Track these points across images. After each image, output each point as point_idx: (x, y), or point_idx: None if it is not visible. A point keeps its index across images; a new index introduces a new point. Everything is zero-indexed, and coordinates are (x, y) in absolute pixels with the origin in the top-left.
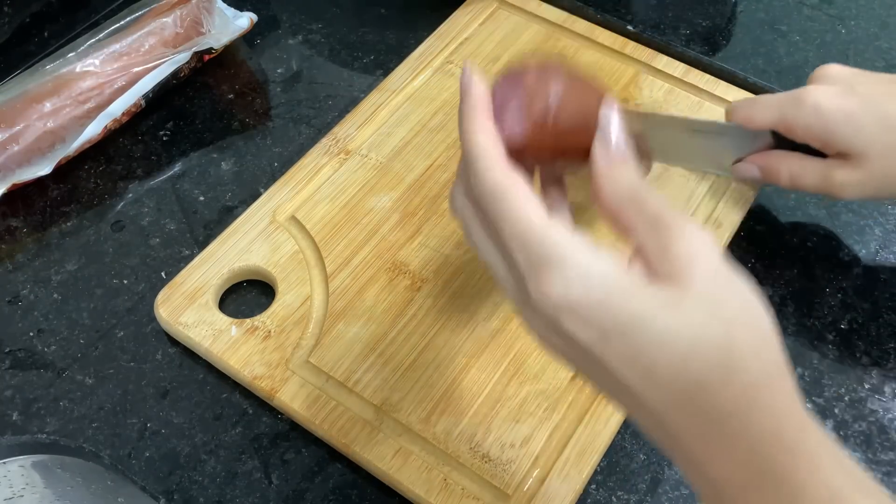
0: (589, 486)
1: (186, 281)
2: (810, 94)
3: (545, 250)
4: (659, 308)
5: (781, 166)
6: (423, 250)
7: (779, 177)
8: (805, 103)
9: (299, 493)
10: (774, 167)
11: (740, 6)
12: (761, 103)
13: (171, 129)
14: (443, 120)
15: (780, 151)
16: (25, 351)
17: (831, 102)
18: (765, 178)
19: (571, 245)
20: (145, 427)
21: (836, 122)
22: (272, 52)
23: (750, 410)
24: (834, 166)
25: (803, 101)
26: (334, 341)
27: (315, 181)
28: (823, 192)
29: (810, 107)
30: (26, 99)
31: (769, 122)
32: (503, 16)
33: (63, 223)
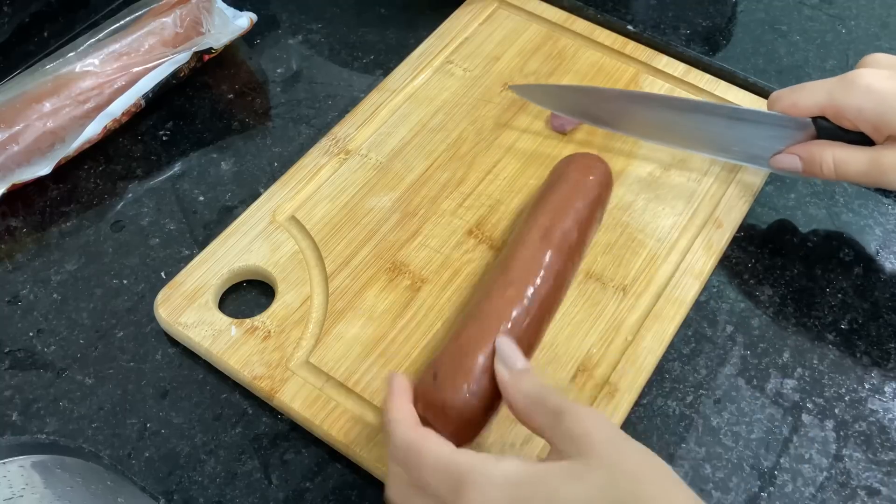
0: None
1: (186, 281)
2: (862, 76)
3: (458, 470)
4: (567, 478)
5: (825, 154)
6: (423, 250)
7: (822, 166)
8: (857, 85)
9: (299, 493)
10: (818, 156)
11: (740, 6)
12: (808, 88)
13: (170, 129)
14: (443, 120)
15: (824, 141)
16: (25, 351)
17: (884, 84)
18: (806, 168)
19: (478, 459)
20: (145, 427)
21: (891, 103)
22: (272, 52)
23: None
24: (883, 151)
25: (855, 82)
26: (334, 341)
27: (315, 181)
28: (870, 179)
29: (863, 88)
30: (26, 99)
31: (817, 105)
32: (503, 16)
33: (63, 223)
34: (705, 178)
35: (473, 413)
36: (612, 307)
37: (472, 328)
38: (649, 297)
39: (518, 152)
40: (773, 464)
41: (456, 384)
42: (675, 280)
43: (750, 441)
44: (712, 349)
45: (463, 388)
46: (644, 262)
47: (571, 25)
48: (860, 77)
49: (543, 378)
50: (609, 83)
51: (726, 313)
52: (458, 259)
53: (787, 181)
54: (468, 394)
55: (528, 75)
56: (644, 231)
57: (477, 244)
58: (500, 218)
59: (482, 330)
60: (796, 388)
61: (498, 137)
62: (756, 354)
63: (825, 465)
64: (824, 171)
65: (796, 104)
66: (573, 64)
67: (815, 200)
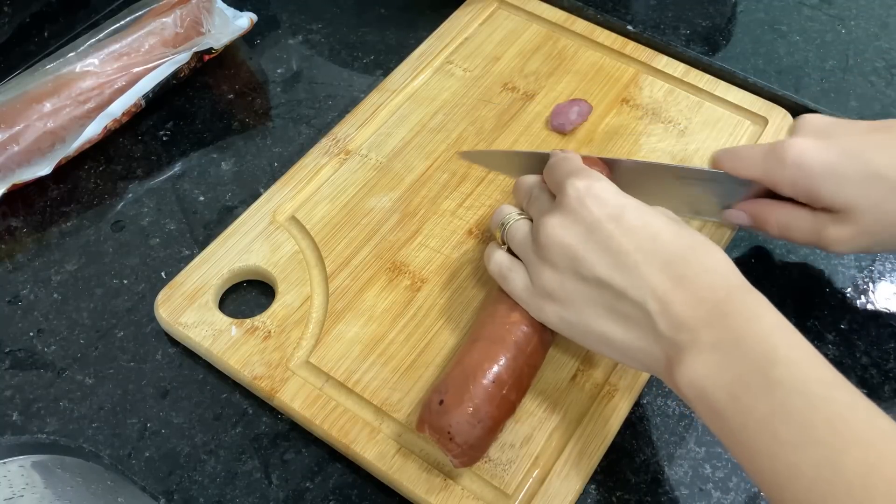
0: (589, 486)
1: (186, 281)
2: (791, 149)
3: (583, 170)
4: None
5: (770, 217)
6: (423, 250)
7: (767, 227)
8: (787, 159)
9: (299, 493)
10: (763, 216)
11: (740, 6)
12: (745, 158)
13: (171, 129)
14: (443, 120)
15: (770, 201)
16: (25, 351)
17: (813, 157)
18: (754, 226)
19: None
20: (145, 427)
21: (819, 176)
22: (272, 52)
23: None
24: (825, 221)
25: (784, 157)
26: (334, 341)
27: (315, 181)
28: (815, 246)
29: (792, 164)
30: (26, 99)
31: (754, 175)
32: (503, 16)
33: (63, 223)
34: None
35: (479, 438)
36: None
37: (477, 351)
38: None
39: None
40: None
41: (462, 410)
42: None
43: None
44: None
45: (469, 413)
46: None
47: (571, 26)
48: (789, 151)
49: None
50: (609, 83)
51: None
52: (458, 259)
53: None
54: (474, 419)
55: (528, 75)
56: None
57: (477, 244)
58: None
59: (487, 354)
60: None
61: (498, 137)
62: None
63: None
64: (771, 232)
65: (736, 170)
66: (573, 64)
67: None
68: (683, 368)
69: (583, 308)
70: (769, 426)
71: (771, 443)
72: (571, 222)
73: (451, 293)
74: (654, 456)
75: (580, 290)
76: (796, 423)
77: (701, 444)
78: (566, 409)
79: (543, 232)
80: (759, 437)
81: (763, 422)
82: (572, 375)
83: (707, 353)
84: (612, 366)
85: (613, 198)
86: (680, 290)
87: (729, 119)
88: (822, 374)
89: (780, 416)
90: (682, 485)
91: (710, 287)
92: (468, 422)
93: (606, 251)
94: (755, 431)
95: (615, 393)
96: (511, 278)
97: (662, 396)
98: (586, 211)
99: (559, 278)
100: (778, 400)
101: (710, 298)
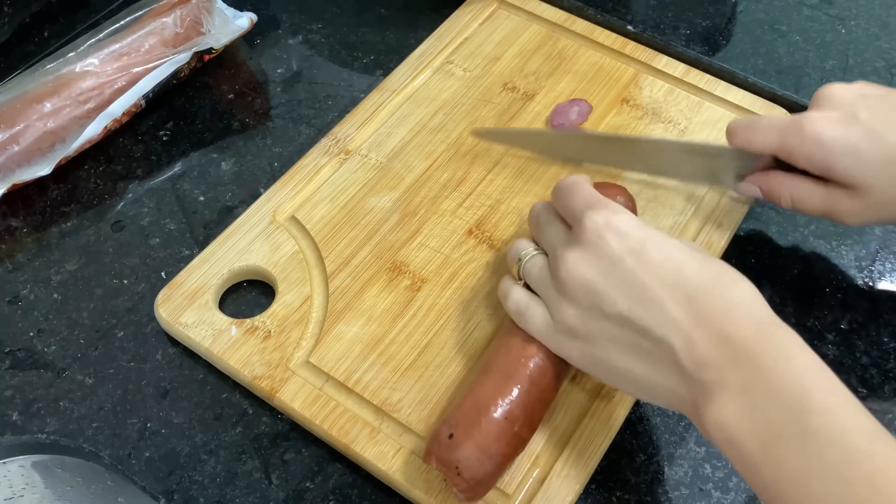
0: (589, 486)
1: (186, 281)
2: (811, 122)
3: (600, 200)
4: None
5: (783, 189)
6: (423, 250)
7: (780, 200)
8: (806, 133)
9: (299, 493)
10: (776, 189)
11: (740, 6)
12: (762, 129)
13: (171, 129)
14: (443, 120)
15: (782, 173)
16: (25, 351)
17: (833, 132)
18: (766, 198)
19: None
20: (145, 427)
21: (838, 154)
22: (272, 52)
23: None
24: (836, 194)
25: (804, 129)
26: (334, 341)
27: (315, 181)
28: (825, 217)
29: (811, 137)
30: (26, 99)
31: (769, 148)
32: (503, 16)
33: (63, 223)
34: None
35: (487, 475)
36: None
37: (489, 385)
38: None
39: (518, 152)
40: None
41: (471, 445)
42: None
43: None
44: None
45: (478, 449)
46: None
47: (571, 26)
48: (809, 123)
49: None
50: (609, 83)
51: None
52: (458, 259)
53: None
54: (484, 456)
55: (528, 75)
56: None
57: (477, 244)
58: (500, 218)
59: (499, 388)
60: None
61: None
62: None
63: None
64: (783, 204)
65: (751, 142)
66: (573, 64)
67: None
68: (710, 412)
69: (606, 345)
70: (804, 480)
71: (806, 499)
72: (591, 256)
73: (451, 293)
74: (654, 456)
75: (603, 327)
76: (833, 478)
77: (701, 444)
78: (566, 409)
79: (564, 267)
80: (794, 490)
81: (797, 474)
82: (572, 375)
83: (735, 396)
84: None
85: (635, 231)
86: (705, 326)
87: (729, 119)
88: (861, 423)
89: (816, 470)
90: (682, 485)
91: (737, 324)
92: (477, 458)
93: (629, 287)
94: (788, 484)
95: (615, 393)
96: (530, 316)
97: None
98: (606, 245)
99: (581, 315)
100: (813, 452)
101: (736, 336)
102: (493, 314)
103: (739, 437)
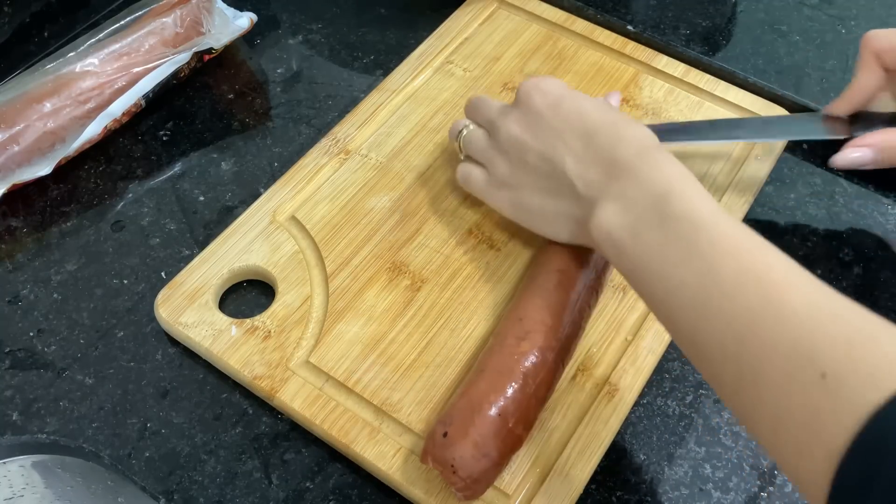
0: (589, 486)
1: (186, 281)
2: None
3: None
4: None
5: None
6: (423, 250)
7: None
8: None
9: (299, 493)
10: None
11: (740, 6)
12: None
13: (171, 129)
14: (443, 120)
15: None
16: (25, 351)
17: None
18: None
19: None
20: (145, 427)
21: None
22: (272, 52)
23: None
24: None
25: None
26: (334, 341)
27: (315, 181)
28: None
29: None
30: (26, 99)
31: (884, 50)
32: (503, 16)
33: (63, 223)
34: (705, 180)
35: (483, 472)
36: (612, 307)
37: (483, 383)
38: None
39: None
40: (773, 464)
41: (466, 443)
42: None
43: (750, 441)
44: None
45: (473, 447)
46: None
47: (571, 26)
48: None
49: None
50: (609, 83)
51: None
52: (458, 259)
53: (786, 182)
54: (479, 453)
55: (528, 75)
56: None
57: (477, 244)
58: (501, 218)
59: (493, 385)
60: None
61: None
62: None
63: None
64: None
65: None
66: (573, 64)
67: (815, 200)
68: (594, 219)
69: (527, 191)
70: (661, 252)
71: (663, 265)
72: (522, 115)
73: (451, 293)
74: (654, 456)
75: (526, 174)
76: (683, 243)
77: (701, 444)
78: (566, 409)
79: (503, 129)
80: (653, 262)
81: (657, 249)
82: (572, 375)
83: (614, 201)
84: (612, 365)
85: (556, 90)
86: (596, 156)
87: None
88: (710, 206)
89: (671, 241)
90: (682, 485)
91: (623, 150)
92: (472, 455)
93: (545, 134)
94: (650, 259)
95: (615, 393)
96: (473, 177)
97: (662, 396)
98: (532, 102)
99: (511, 167)
100: (670, 229)
101: (620, 159)
102: (492, 314)
103: (616, 233)
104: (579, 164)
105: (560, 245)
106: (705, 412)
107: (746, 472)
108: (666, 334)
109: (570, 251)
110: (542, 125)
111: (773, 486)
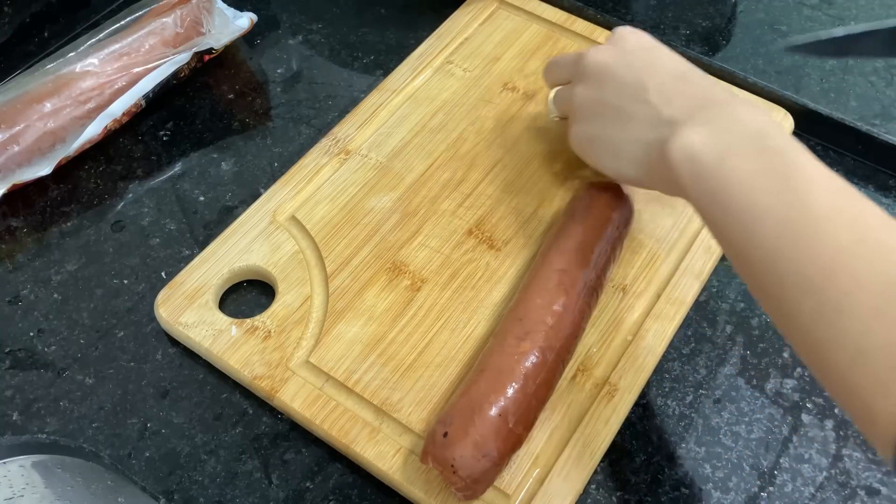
0: (589, 486)
1: (186, 281)
2: None
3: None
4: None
5: None
6: (423, 250)
7: None
8: None
9: (299, 493)
10: None
11: (740, 6)
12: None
13: (171, 129)
14: (443, 120)
15: None
16: (25, 351)
17: None
18: None
19: None
20: (145, 427)
21: None
22: (272, 52)
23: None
24: None
25: None
26: (334, 341)
27: (315, 181)
28: None
29: None
30: (26, 99)
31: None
32: (503, 16)
33: (63, 223)
34: None
35: (484, 472)
36: (612, 307)
37: (483, 383)
38: (649, 297)
39: (518, 152)
40: (773, 463)
41: (466, 443)
42: (675, 280)
43: (750, 441)
44: (712, 349)
45: (473, 447)
46: (644, 262)
47: (571, 26)
48: None
49: None
50: None
51: (726, 313)
52: (458, 259)
53: None
54: (479, 453)
55: (529, 75)
56: (644, 231)
57: (477, 244)
58: (500, 218)
59: (493, 385)
60: (796, 387)
61: (498, 137)
62: (756, 354)
63: (825, 464)
64: None
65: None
66: None
67: None
68: (676, 140)
69: (598, 121)
70: (751, 180)
71: (751, 192)
72: (612, 48)
73: (451, 293)
74: (654, 456)
75: (604, 100)
76: (778, 175)
77: (701, 444)
78: (566, 409)
79: (591, 56)
80: (740, 188)
81: (747, 177)
82: (572, 375)
83: (702, 125)
84: (612, 365)
85: (651, 39)
86: (685, 90)
87: None
88: (809, 155)
89: (765, 171)
90: (682, 485)
91: (719, 91)
92: (472, 455)
93: (632, 66)
94: (737, 184)
95: (615, 393)
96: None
97: (662, 396)
98: (625, 42)
99: (591, 91)
100: (764, 161)
101: (713, 96)
102: (493, 314)
103: (700, 156)
104: (664, 93)
105: (560, 245)
106: (705, 412)
107: (746, 472)
108: (666, 334)
109: (571, 251)
110: (633, 58)
111: (773, 486)
